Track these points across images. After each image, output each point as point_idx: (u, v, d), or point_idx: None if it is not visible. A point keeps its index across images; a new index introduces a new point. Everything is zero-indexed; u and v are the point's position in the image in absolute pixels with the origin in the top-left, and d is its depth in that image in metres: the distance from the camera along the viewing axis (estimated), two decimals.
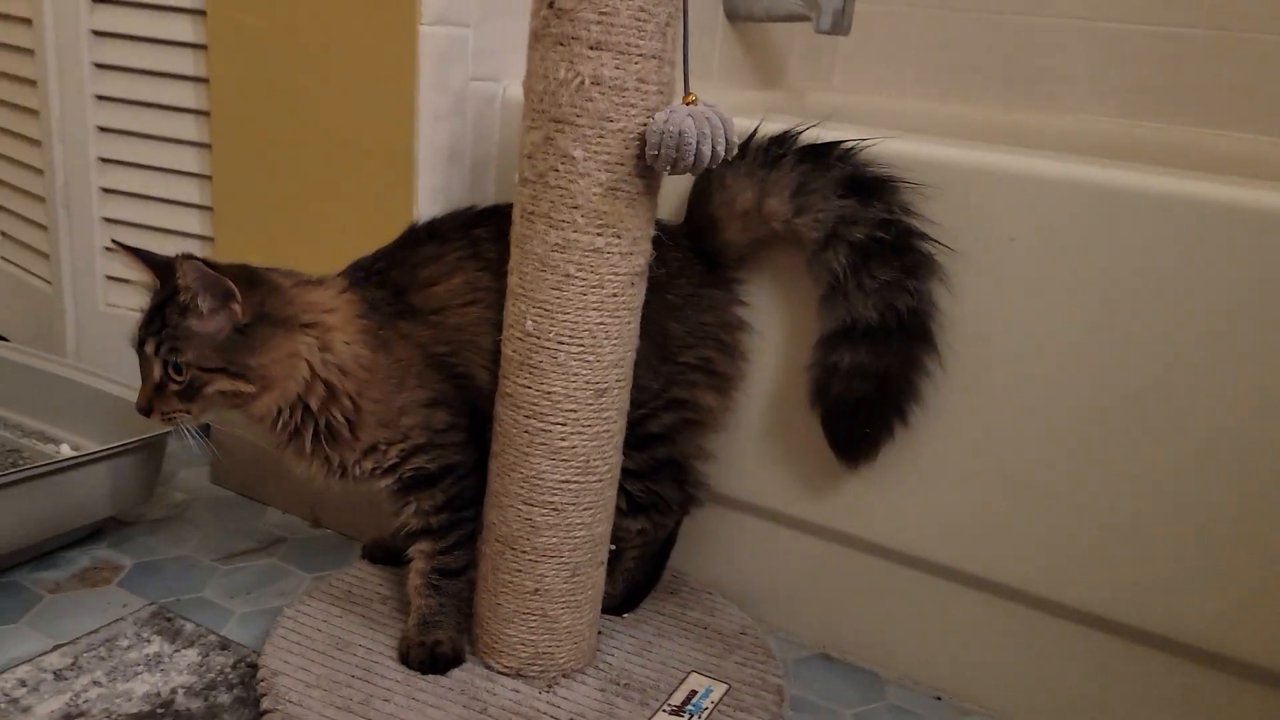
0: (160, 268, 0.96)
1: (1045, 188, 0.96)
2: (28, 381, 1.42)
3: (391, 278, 1.02)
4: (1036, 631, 1.05)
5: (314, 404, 0.96)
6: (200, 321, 0.91)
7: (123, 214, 1.45)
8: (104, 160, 1.44)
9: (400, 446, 1.00)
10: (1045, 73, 1.78)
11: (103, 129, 1.42)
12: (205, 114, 1.33)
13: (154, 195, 1.42)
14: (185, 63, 1.33)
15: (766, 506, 1.17)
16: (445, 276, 1.02)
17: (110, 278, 1.49)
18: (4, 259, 1.68)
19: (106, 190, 1.45)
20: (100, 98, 1.41)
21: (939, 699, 1.10)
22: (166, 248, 1.41)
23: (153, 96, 1.37)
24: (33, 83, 1.47)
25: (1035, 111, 1.79)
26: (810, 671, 1.13)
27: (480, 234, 1.04)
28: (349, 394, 0.97)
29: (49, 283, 1.55)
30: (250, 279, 0.94)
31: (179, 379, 0.92)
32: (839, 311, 1.01)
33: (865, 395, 1.01)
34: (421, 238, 1.05)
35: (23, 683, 0.97)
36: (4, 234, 1.67)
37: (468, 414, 1.02)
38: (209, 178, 1.36)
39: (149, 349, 0.93)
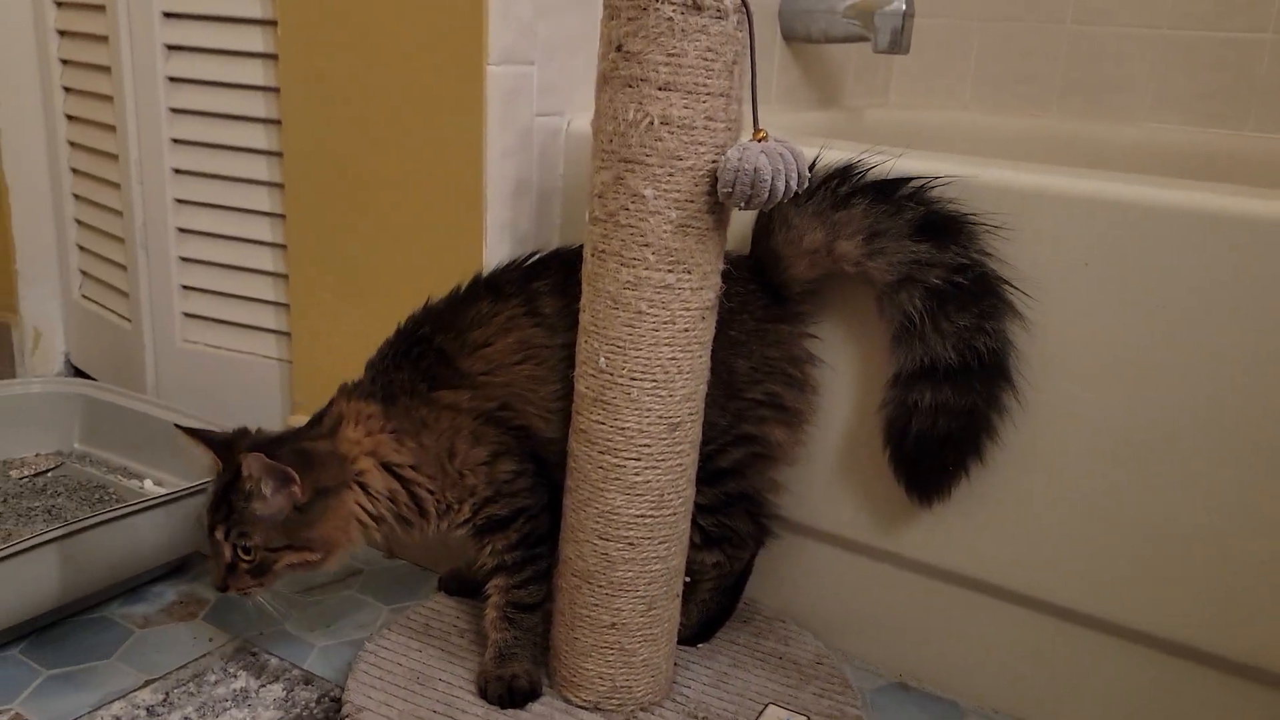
0: (220, 447, 1.01)
1: (1121, 210, 0.94)
2: (111, 418, 1.46)
3: (436, 344, 1.04)
4: (1119, 659, 1.03)
5: (387, 518, 1.02)
6: (263, 505, 0.96)
7: (199, 253, 1.49)
8: (180, 201, 1.48)
9: (470, 502, 1.04)
10: (1108, 82, 1.75)
11: (178, 171, 1.47)
12: (277, 155, 1.37)
13: (229, 234, 1.45)
14: (257, 106, 1.37)
15: (840, 535, 1.16)
16: (497, 337, 1.03)
17: (187, 315, 1.53)
18: (87, 298, 1.74)
19: (183, 230, 1.49)
20: (176, 141, 1.45)
21: None
22: (240, 286, 1.46)
23: (227, 139, 1.41)
24: (112, 128, 1.52)
25: (1098, 122, 1.76)
26: (887, 701, 1.12)
27: (538, 287, 1.05)
28: (404, 498, 1.02)
29: (129, 320, 1.60)
30: (305, 459, 0.98)
31: (248, 559, 0.98)
32: (916, 351, 1.00)
33: (951, 432, 1.00)
34: (480, 292, 1.06)
35: (118, 719, 1.00)
36: (86, 274, 1.73)
37: (533, 459, 1.04)
38: (282, 216, 1.39)
39: (219, 535, 0.98)
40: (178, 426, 1.04)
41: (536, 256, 1.09)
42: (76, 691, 1.04)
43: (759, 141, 0.85)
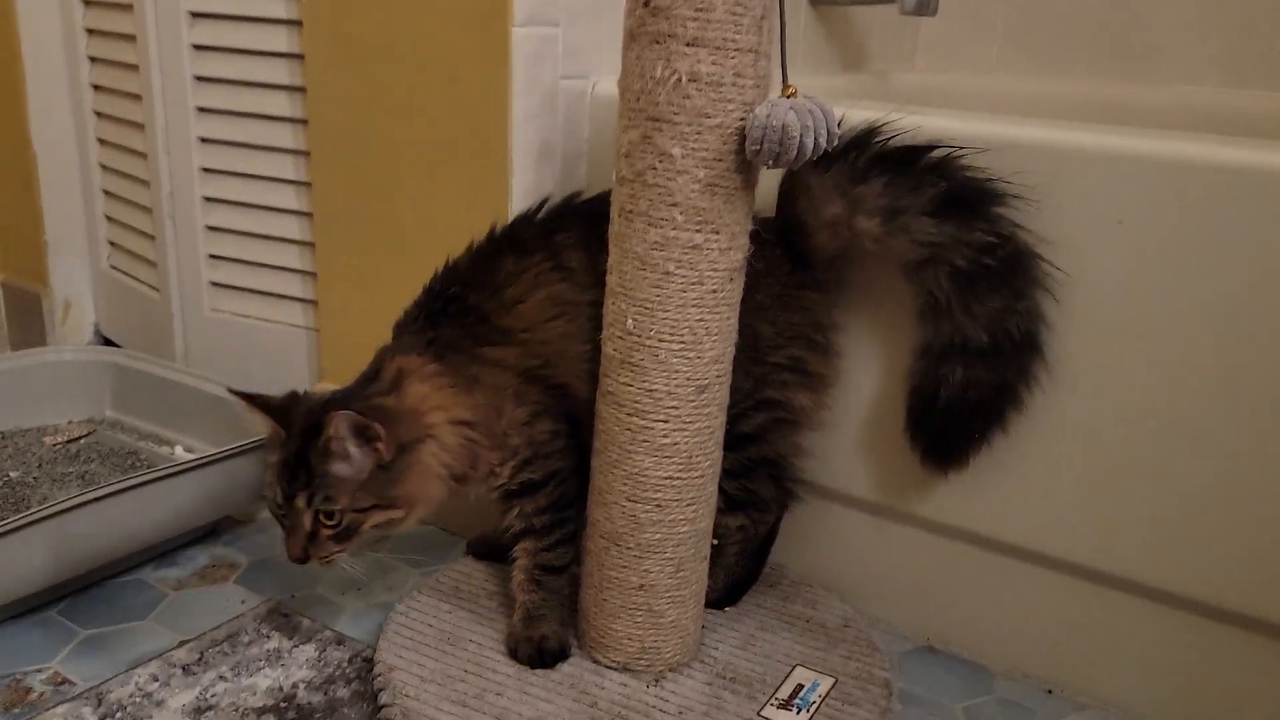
0: (278, 413, 0.98)
1: (1156, 167, 0.93)
2: (142, 386, 1.48)
3: (471, 303, 1.02)
4: (1149, 622, 1.02)
5: (459, 473, 1.00)
6: (347, 465, 0.93)
7: (225, 222, 1.49)
8: (206, 170, 1.49)
9: (511, 464, 1.02)
10: (1139, 43, 1.72)
11: (204, 140, 1.47)
12: (303, 122, 1.37)
13: (255, 203, 1.46)
14: (282, 73, 1.36)
15: (867, 499, 1.16)
16: (530, 293, 1.02)
17: (215, 284, 1.54)
18: (115, 269, 1.75)
19: (209, 199, 1.50)
20: (202, 110, 1.46)
21: (1050, 692, 1.08)
22: (267, 254, 1.47)
23: (252, 107, 1.41)
24: (138, 97, 1.52)
25: (1129, 85, 1.73)
26: (915, 664, 1.12)
27: (561, 241, 1.04)
28: (464, 456, 1.00)
29: (157, 290, 1.61)
30: (384, 414, 0.95)
31: (332, 524, 0.94)
32: (944, 330, 0.98)
33: (981, 401, 0.99)
34: (502, 248, 1.05)
35: (155, 678, 1.01)
36: (114, 244, 1.74)
37: (567, 420, 1.04)
38: (308, 184, 1.39)
39: (300, 503, 0.94)
40: (232, 391, 1.00)
41: (548, 206, 1.08)
42: (113, 651, 1.06)
43: (788, 98, 0.84)
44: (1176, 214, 0.93)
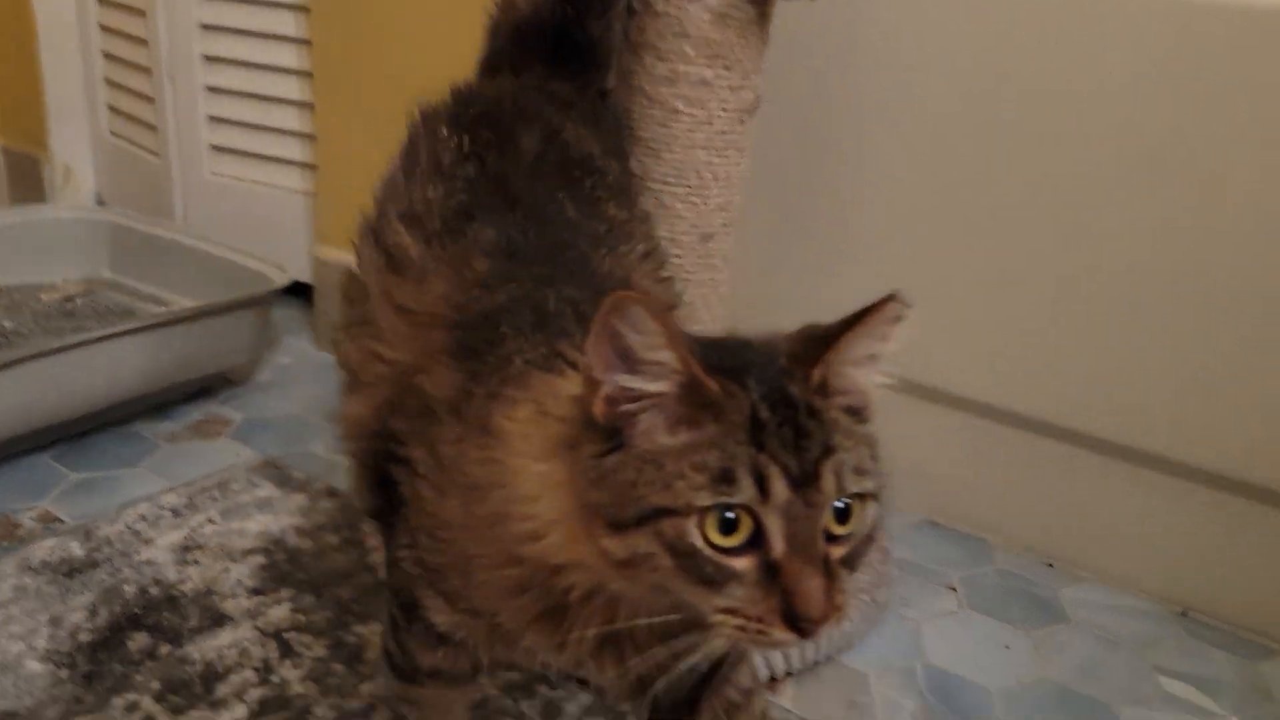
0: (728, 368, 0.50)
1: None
2: (140, 247, 1.45)
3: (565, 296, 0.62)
4: (1151, 494, 1.00)
5: None
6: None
7: (225, 83, 1.45)
8: (205, 27, 1.44)
9: None
10: None
11: None
12: None
13: (255, 62, 1.41)
14: None
15: None
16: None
17: (215, 147, 1.50)
18: (115, 134, 1.71)
19: (209, 58, 1.45)
20: None
21: (1050, 566, 1.06)
22: (266, 117, 1.43)
23: None
24: None
25: None
26: (917, 537, 1.10)
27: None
28: None
29: (157, 155, 1.57)
30: None
31: (845, 531, 0.49)
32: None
33: None
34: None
35: (143, 517, 1.00)
36: (114, 110, 1.69)
37: None
38: (308, 42, 1.35)
39: (827, 484, 0.48)
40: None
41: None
42: (104, 494, 1.05)
43: None
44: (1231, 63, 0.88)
